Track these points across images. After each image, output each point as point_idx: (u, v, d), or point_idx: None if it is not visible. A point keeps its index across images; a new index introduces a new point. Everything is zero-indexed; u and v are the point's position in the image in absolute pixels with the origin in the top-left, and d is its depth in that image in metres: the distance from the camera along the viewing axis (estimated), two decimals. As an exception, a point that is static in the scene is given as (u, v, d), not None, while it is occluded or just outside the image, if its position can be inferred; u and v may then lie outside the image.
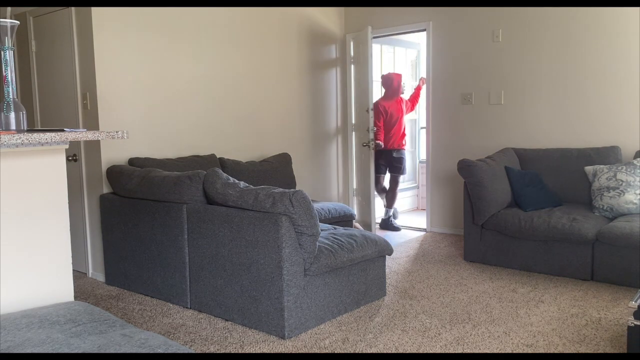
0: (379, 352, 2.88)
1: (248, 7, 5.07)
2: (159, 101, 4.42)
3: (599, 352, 2.83)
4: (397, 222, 6.13)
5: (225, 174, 3.38)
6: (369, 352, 2.88)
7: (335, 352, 2.89)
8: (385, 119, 5.95)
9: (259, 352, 2.91)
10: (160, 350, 1.69)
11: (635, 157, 4.39)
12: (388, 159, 6.07)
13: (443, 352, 2.87)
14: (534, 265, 4.20)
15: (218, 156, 4.83)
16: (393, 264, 4.53)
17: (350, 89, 6.20)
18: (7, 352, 1.66)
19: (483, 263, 4.49)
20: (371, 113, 5.56)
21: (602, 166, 4.37)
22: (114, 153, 4.15)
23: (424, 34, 5.73)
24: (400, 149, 6.06)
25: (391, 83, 5.99)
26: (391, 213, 6.07)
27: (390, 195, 6.09)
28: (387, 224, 6.04)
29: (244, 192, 3.18)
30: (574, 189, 4.57)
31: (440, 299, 3.67)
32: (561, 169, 4.65)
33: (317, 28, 5.88)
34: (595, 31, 4.70)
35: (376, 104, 5.89)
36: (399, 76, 6.02)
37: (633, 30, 4.52)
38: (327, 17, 6.00)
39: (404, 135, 6.09)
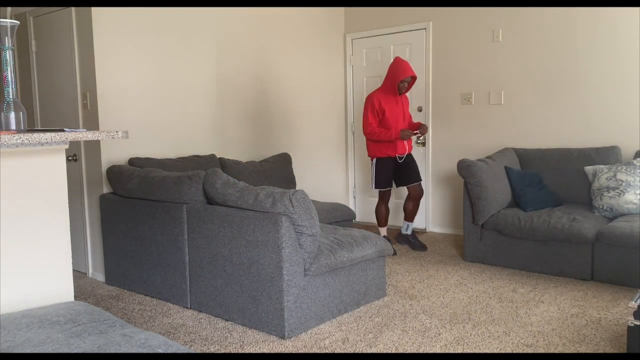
0: (379, 352, 2.88)
1: (247, 7, 5.07)
2: (159, 101, 4.41)
3: (599, 352, 2.83)
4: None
5: (225, 174, 3.38)
6: (369, 352, 2.88)
7: (335, 352, 2.89)
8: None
9: (259, 352, 2.91)
10: (160, 350, 1.69)
11: (635, 157, 4.39)
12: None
13: (443, 352, 2.87)
14: (534, 265, 4.20)
15: (218, 156, 4.83)
16: (393, 264, 4.53)
17: (350, 88, 6.21)
18: (7, 352, 1.66)
19: (483, 263, 4.49)
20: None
21: (602, 166, 4.36)
22: (114, 153, 4.15)
23: (417, 32, 5.73)
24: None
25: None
26: (412, 228, 5.08)
27: (416, 206, 4.98)
28: (413, 241, 4.99)
29: (244, 192, 3.18)
30: (574, 189, 4.57)
31: (440, 299, 3.66)
32: (561, 169, 4.65)
33: (317, 28, 5.88)
34: (595, 31, 4.70)
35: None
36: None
37: (633, 30, 4.52)
38: (327, 17, 6.00)
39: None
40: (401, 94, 4.78)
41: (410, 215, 4.98)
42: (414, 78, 4.75)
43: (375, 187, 4.86)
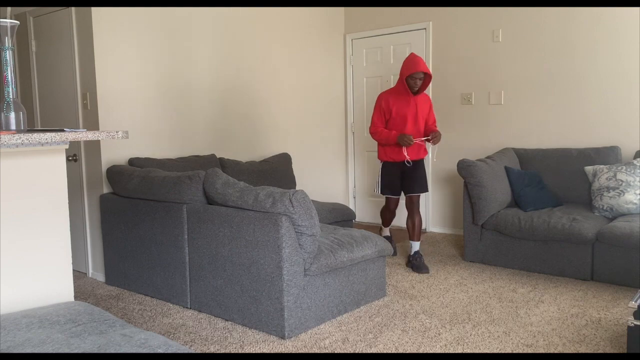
0: (379, 352, 2.88)
1: (247, 7, 5.07)
2: (159, 101, 4.42)
3: (599, 352, 2.83)
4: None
5: (225, 174, 3.38)
6: (369, 352, 2.88)
7: (335, 352, 2.89)
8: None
9: (259, 352, 2.91)
10: (160, 350, 1.69)
11: (635, 157, 4.39)
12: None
13: (443, 352, 2.87)
14: (534, 265, 4.20)
15: (218, 156, 4.83)
16: (393, 264, 4.53)
17: (350, 88, 6.21)
18: (7, 352, 1.66)
19: (483, 263, 4.49)
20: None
21: (602, 166, 4.36)
22: (114, 153, 4.15)
23: (417, 32, 5.73)
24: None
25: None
26: (418, 247, 4.50)
27: (414, 221, 4.51)
28: (419, 264, 4.37)
29: (244, 192, 3.18)
30: (574, 189, 4.57)
31: (440, 299, 3.66)
32: (561, 169, 4.65)
33: (318, 28, 5.88)
34: (595, 31, 4.70)
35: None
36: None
37: (633, 30, 4.52)
38: (326, 17, 6.00)
39: None
40: (414, 93, 4.37)
41: (412, 234, 4.47)
42: (428, 76, 4.32)
43: (381, 193, 4.58)
